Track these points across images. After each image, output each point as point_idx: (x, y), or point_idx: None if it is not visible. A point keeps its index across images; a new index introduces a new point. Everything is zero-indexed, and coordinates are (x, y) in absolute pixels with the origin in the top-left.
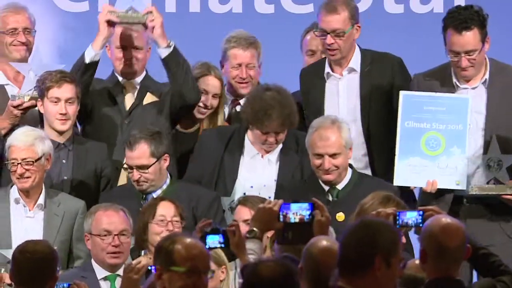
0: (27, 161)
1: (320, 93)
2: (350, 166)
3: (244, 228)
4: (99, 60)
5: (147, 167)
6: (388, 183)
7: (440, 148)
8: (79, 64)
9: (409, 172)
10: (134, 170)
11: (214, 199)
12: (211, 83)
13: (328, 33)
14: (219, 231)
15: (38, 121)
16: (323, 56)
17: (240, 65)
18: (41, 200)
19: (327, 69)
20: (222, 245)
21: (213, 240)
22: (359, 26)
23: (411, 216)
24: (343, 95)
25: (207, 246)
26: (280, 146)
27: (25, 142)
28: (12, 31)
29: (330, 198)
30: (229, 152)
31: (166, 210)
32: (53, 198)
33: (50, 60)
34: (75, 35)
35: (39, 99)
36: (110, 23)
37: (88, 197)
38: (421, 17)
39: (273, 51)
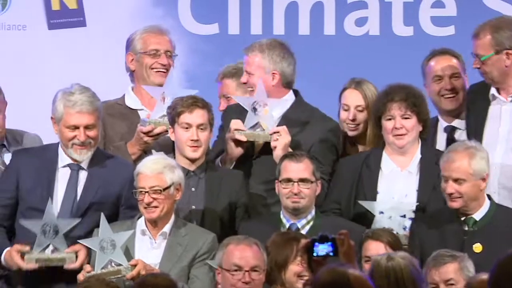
0: (155, 190)
1: (483, 115)
2: (489, 197)
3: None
4: None
5: (310, 181)
6: None
7: None
8: None
9: None
10: (296, 183)
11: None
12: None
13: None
14: (329, 239)
15: (171, 148)
16: (452, 80)
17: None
18: (166, 228)
19: (493, 90)
20: (331, 254)
21: (323, 248)
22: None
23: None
24: (505, 120)
25: (315, 254)
26: (419, 157)
27: (154, 170)
28: (154, 53)
29: (466, 228)
30: (366, 168)
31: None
32: (180, 228)
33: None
34: (204, 59)
35: (170, 127)
36: (238, 142)
37: (220, 228)
38: None
39: (410, 75)
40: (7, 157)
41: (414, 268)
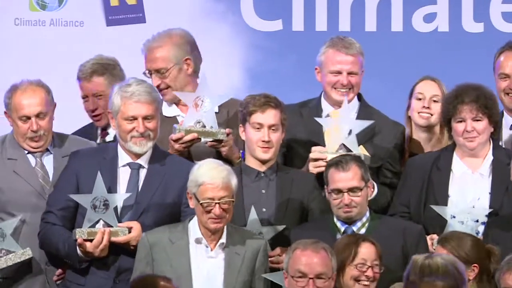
0: (226, 201)
1: None
2: None
3: None
4: None
5: (359, 189)
6: None
7: None
8: None
9: None
10: (346, 193)
11: (419, 233)
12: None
13: None
14: None
15: (212, 153)
16: None
17: None
18: (223, 239)
19: None
20: None
21: None
22: None
23: None
24: None
25: None
26: (491, 159)
27: (222, 179)
28: (151, 72)
29: None
30: (437, 171)
31: (368, 253)
32: (235, 236)
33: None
34: (267, 56)
35: (240, 125)
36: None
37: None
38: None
39: (480, 73)
40: (48, 160)
41: (454, 269)
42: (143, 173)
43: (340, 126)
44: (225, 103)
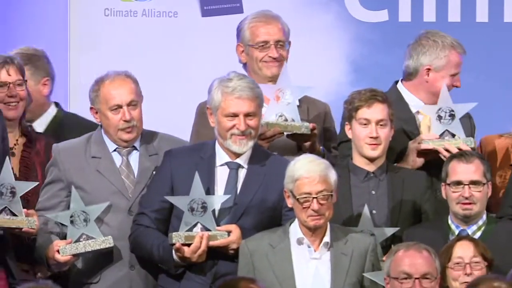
0: (324, 195)
1: None
2: None
3: None
4: None
5: (481, 184)
6: None
7: None
8: None
9: None
10: (466, 186)
11: None
12: None
13: None
14: None
15: (291, 151)
16: None
17: None
18: (327, 238)
19: None
20: None
21: None
22: None
23: None
24: None
25: None
26: None
27: (319, 172)
28: (262, 45)
29: None
30: None
31: (463, 251)
32: (340, 235)
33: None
34: (372, 49)
35: (346, 123)
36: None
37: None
38: None
39: None
40: (133, 159)
41: None
42: (242, 173)
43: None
44: (305, 99)
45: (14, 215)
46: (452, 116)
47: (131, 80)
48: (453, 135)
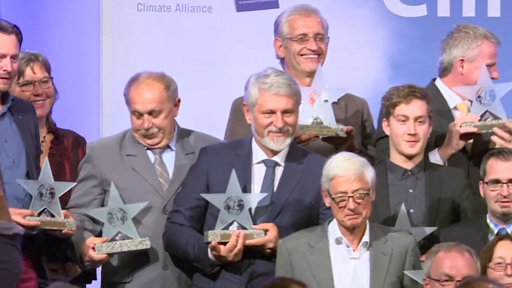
0: (360, 194)
1: None
2: None
3: None
4: None
5: None
6: None
7: None
8: None
9: None
10: (505, 185)
11: None
12: None
13: None
14: None
15: (330, 149)
16: None
17: None
18: (366, 237)
19: None
20: None
21: None
22: None
23: None
24: None
25: None
26: None
27: (355, 171)
28: (301, 37)
29: None
30: None
31: (505, 250)
32: (379, 235)
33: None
34: (410, 44)
35: (384, 119)
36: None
37: None
38: None
39: None
40: (168, 157)
41: None
42: (278, 171)
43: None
44: (343, 96)
45: (53, 216)
46: (493, 96)
47: (160, 85)
48: (495, 117)
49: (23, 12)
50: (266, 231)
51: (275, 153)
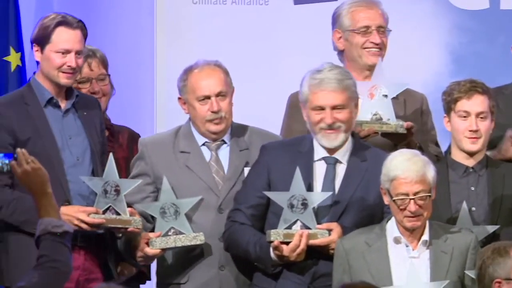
0: (422, 196)
1: None
2: None
3: None
4: None
5: None
6: None
7: None
8: None
9: None
10: None
11: None
12: None
13: None
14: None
15: (390, 145)
16: None
17: None
18: (425, 236)
19: None
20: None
21: None
22: None
23: None
24: None
25: None
26: None
27: (417, 172)
28: (364, 30)
29: None
30: None
31: None
32: (439, 233)
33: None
34: (472, 38)
35: (445, 115)
36: None
37: None
38: None
39: None
40: (223, 153)
41: None
42: (339, 168)
43: None
44: (401, 92)
45: (118, 214)
46: None
47: (221, 70)
48: None
49: (76, 7)
50: (330, 231)
51: (335, 149)
